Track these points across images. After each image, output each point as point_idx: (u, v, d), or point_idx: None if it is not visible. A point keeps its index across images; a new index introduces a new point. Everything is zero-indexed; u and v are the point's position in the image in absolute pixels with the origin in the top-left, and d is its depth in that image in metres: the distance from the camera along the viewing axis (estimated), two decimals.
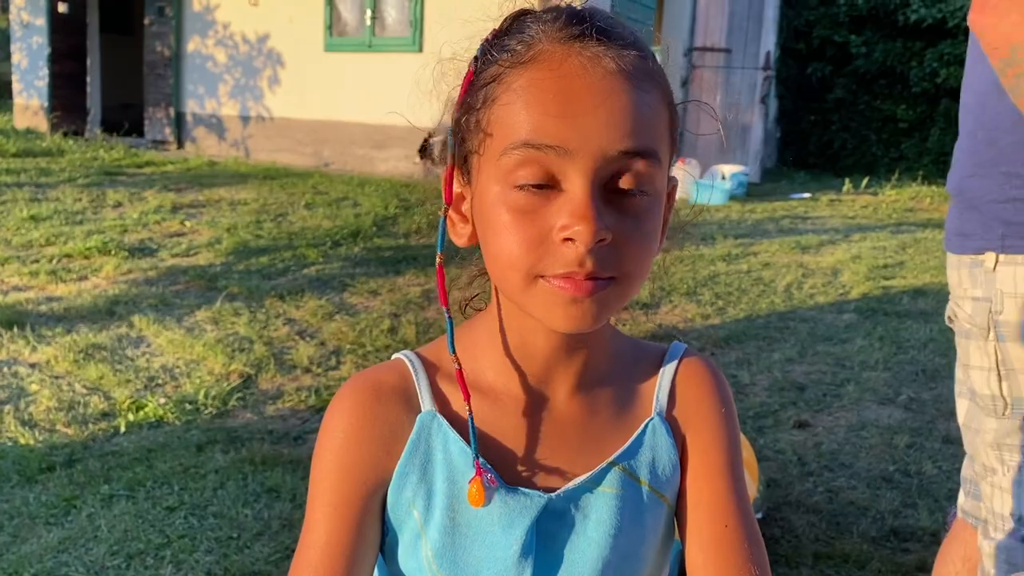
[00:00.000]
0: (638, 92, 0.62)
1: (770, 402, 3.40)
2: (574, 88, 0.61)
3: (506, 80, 0.63)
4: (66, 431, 3.03)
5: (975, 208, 1.24)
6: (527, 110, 0.61)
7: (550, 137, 0.60)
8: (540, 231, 0.62)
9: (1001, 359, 1.23)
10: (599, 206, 0.61)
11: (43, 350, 3.74)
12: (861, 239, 6.45)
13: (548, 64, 0.62)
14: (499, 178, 0.63)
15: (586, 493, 0.71)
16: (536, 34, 0.64)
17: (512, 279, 0.64)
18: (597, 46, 0.62)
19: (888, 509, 2.61)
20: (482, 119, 0.65)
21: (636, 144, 0.62)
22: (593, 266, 0.61)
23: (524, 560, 0.69)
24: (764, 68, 10.30)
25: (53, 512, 2.50)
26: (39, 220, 6.10)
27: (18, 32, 12.59)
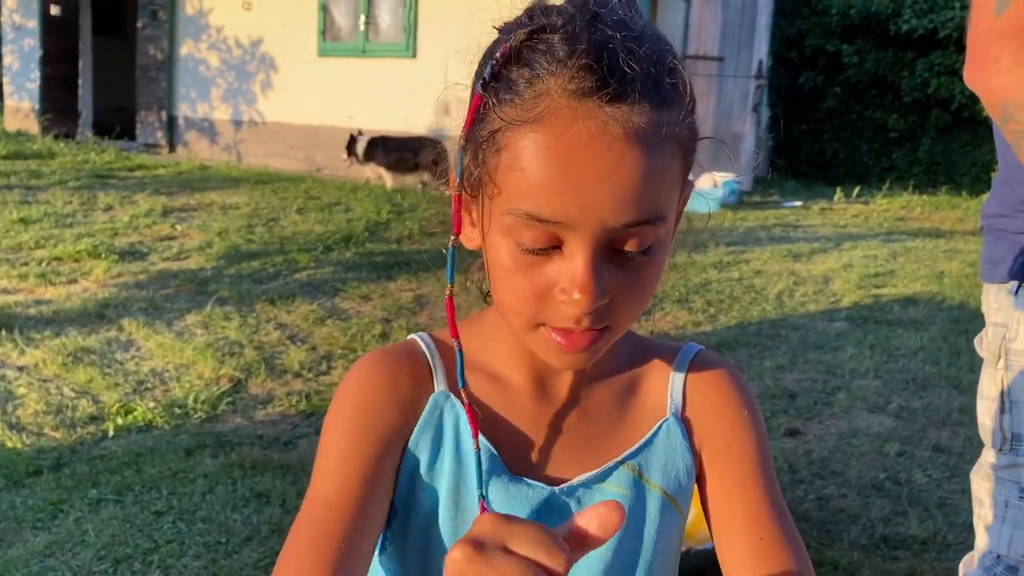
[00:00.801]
0: (647, 158, 0.60)
1: (761, 409, 3.40)
2: (579, 161, 0.59)
3: (512, 134, 0.61)
4: (54, 435, 3.01)
5: (1003, 238, 1.25)
6: (530, 180, 0.60)
7: (553, 213, 0.60)
8: (541, 286, 0.63)
9: (1007, 390, 1.20)
10: (599, 271, 0.61)
11: (31, 353, 3.72)
12: (852, 248, 6.47)
13: (554, 129, 0.59)
14: (503, 231, 0.63)
15: (591, 490, 0.71)
16: (546, 81, 0.60)
17: (514, 323, 0.66)
18: (608, 108, 0.59)
19: (878, 517, 2.61)
20: (488, 164, 0.63)
21: (640, 216, 0.61)
22: (590, 323, 0.63)
23: None
24: (756, 77, 10.34)
25: (40, 516, 2.48)
26: (29, 222, 6.07)
27: (10, 34, 12.55)
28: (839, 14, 11.41)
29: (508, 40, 0.62)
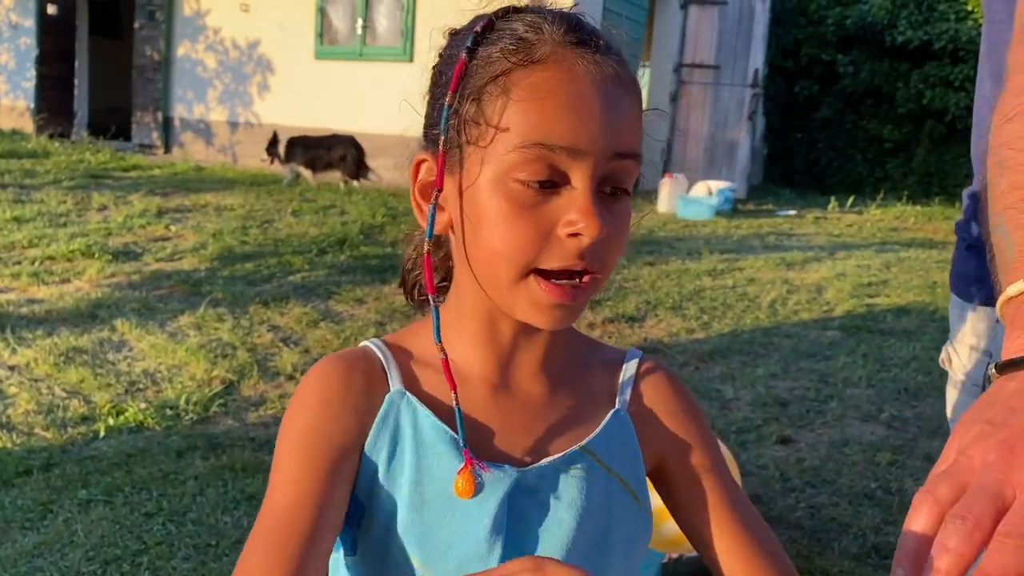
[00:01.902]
0: (631, 98, 0.68)
1: (753, 417, 3.41)
2: (585, 93, 0.65)
3: (515, 77, 0.65)
4: (44, 435, 3.00)
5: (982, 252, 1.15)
6: (541, 111, 0.64)
7: (565, 139, 0.64)
8: (541, 227, 0.65)
9: None
10: (600, 204, 0.65)
11: (23, 352, 3.70)
12: (846, 257, 6.48)
13: (559, 67, 0.65)
14: (501, 170, 0.65)
15: (557, 472, 0.73)
16: (539, 35, 0.66)
17: (502, 271, 0.67)
18: (599, 54, 0.66)
19: (869, 526, 2.62)
20: (487, 111, 0.66)
21: (632, 147, 0.67)
22: (591, 260, 0.65)
23: (495, 536, 0.69)
24: (752, 85, 10.37)
25: (29, 516, 2.47)
26: (22, 222, 6.05)
27: (6, 33, 12.52)
28: (835, 24, 11.47)
29: (482, 19, 0.69)
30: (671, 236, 7.17)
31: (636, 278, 5.50)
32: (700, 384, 3.75)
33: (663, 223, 7.81)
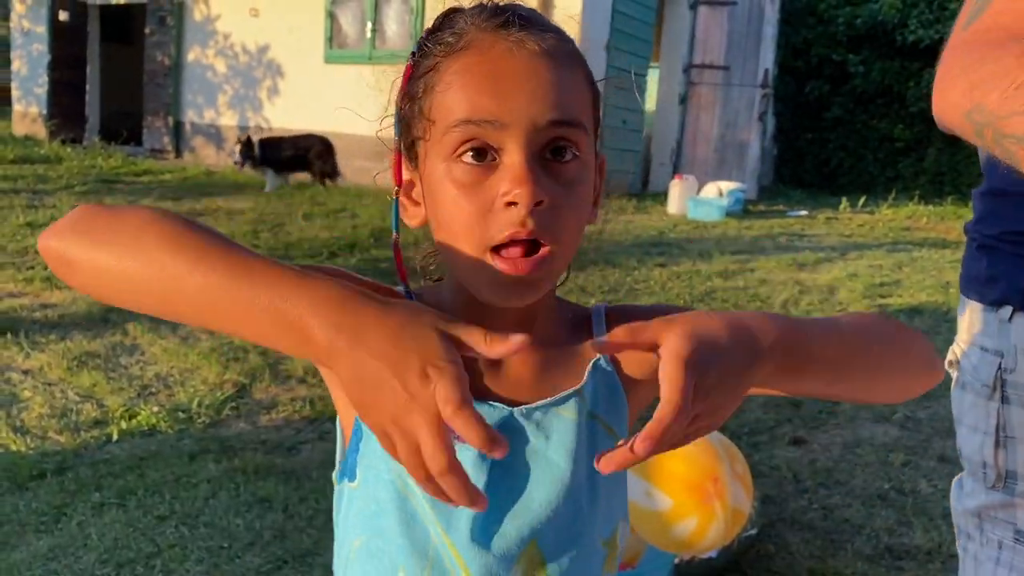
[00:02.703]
0: (561, 69, 0.69)
1: (765, 418, 3.39)
2: (503, 68, 0.68)
3: (442, 68, 0.70)
4: (58, 438, 3.01)
5: (996, 255, 1.13)
6: (463, 91, 0.68)
7: (486, 113, 0.67)
8: (485, 201, 0.68)
9: (1003, 423, 1.09)
10: (536, 172, 0.67)
11: (36, 357, 3.73)
12: (858, 257, 6.45)
13: (478, 49, 0.69)
14: (444, 156, 0.69)
15: (547, 414, 0.75)
16: (465, 25, 0.70)
17: (463, 251, 0.70)
18: (520, 32, 0.69)
19: (883, 527, 2.60)
20: (424, 106, 0.71)
21: (563, 115, 0.68)
22: (534, 226, 0.67)
23: (482, 463, 0.73)
24: (762, 86, 10.34)
25: (43, 520, 2.49)
26: (35, 227, 6.09)
27: (19, 39, 12.62)
28: (845, 24, 11.43)
29: (430, 26, 0.74)
30: (681, 237, 7.15)
31: (647, 280, 5.49)
32: None
33: (673, 224, 7.80)
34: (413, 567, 0.74)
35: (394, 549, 0.74)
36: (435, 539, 0.74)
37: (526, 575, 0.74)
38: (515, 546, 0.73)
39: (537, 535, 0.74)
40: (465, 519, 0.73)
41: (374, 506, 0.75)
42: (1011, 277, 1.09)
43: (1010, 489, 1.11)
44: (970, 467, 1.17)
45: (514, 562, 0.73)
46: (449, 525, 0.73)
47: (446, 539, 0.73)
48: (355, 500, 0.77)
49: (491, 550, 0.73)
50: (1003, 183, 1.10)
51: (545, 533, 0.74)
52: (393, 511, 0.74)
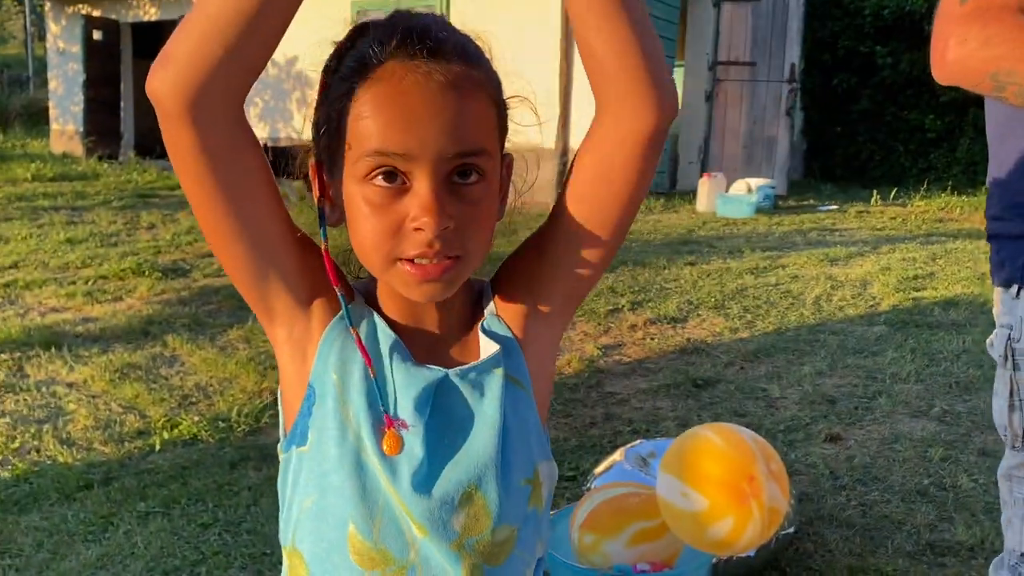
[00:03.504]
0: (466, 101, 0.74)
1: (801, 416, 3.38)
2: (413, 103, 0.73)
3: (355, 95, 0.74)
4: (103, 449, 3.09)
5: (1001, 241, 1.28)
6: (376, 123, 0.73)
7: (396, 146, 0.73)
8: (395, 221, 0.75)
9: (1016, 389, 1.23)
10: (443, 199, 0.74)
11: (80, 370, 3.82)
12: (890, 251, 6.38)
13: (389, 82, 0.73)
14: (357, 178, 0.76)
15: (482, 373, 0.84)
16: (377, 52, 0.74)
17: (374, 260, 0.78)
18: (429, 63, 0.73)
19: (923, 523, 2.58)
20: (340, 128, 0.76)
21: (467, 146, 0.75)
22: (440, 246, 0.75)
23: (419, 416, 0.81)
24: (789, 80, 10.26)
25: (91, 529, 2.55)
26: (75, 243, 6.23)
27: (54, 59, 12.90)
28: (872, 15, 11.29)
29: (342, 39, 0.79)
30: (711, 235, 7.12)
31: (677, 278, 5.48)
32: (745, 384, 3.72)
33: (703, 222, 7.77)
34: (362, 519, 0.81)
35: (344, 503, 0.81)
36: (384, 489, 0.81)
37: (468, 516, 0.82)
38: (455, 491, 0.81)
39: (476, 480, 0.82)
40: (407, 469, 0.80)
41: (325, 464, 0.82)
42: (1014, 258, 1.23)
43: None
44: (999, 432, 1.30)
45: (455, 505, 0.82)
46: (394, 475, 0.80)
47: (390, 488, 0.80)
48: (304, 462, 0.84)
49: (432, 496, 0.81)
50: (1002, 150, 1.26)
51: (483, 477, 0.82)
52: (344, 465, 0.81)
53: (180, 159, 0.74)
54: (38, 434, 3.18)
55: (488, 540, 0.83)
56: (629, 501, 1.84)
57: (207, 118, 0.71)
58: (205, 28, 0.68)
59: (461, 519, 0.82)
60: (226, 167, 0.74)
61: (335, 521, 0.82)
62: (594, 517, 1.84)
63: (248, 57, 0.70)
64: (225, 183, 0.75)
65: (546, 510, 0.90)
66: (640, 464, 2.42)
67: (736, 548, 1.90)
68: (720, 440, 1.67)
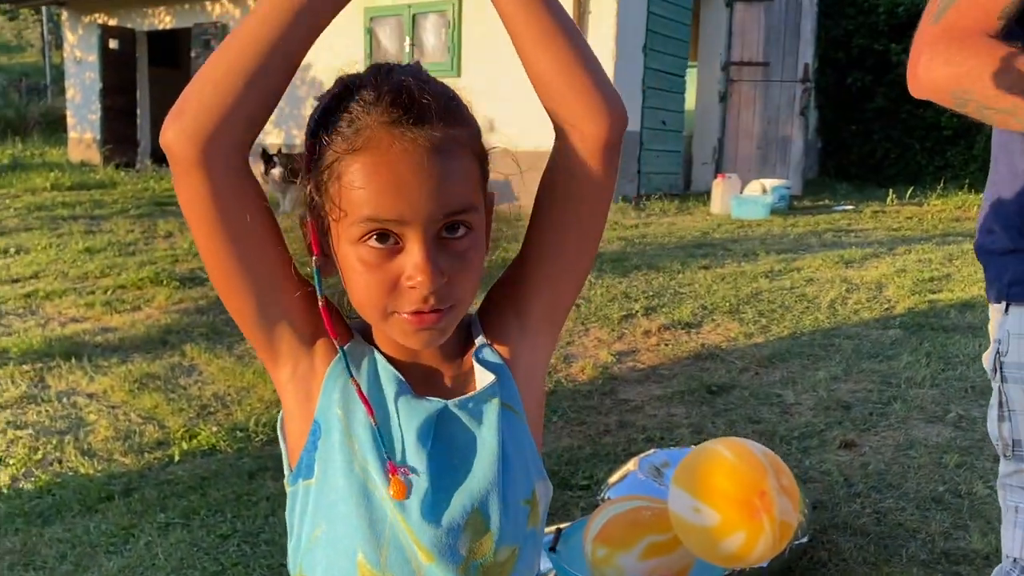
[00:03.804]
0: (450, 163, 0.78)
1: (815, 422, 3.38)
2: (401, 171, 0.77)
3: (344, 163, 0.78)
4: (123, 460, 3.13)
5: (990, 258, 1.32)
6: (367, 192, 0.77)
7: (389, 212, 0.77)
8: (389, 279, 0.80)
9: (1004, 400, 1.28)
10: (434, 257, 0.79)
11: (100, 380, 3.87)
12: (906, 252, 6.35)
13: (377, 150, 0.77)
14: (351, 240, 0.80)
15: (480, 403, 0.88)
16: (363, 117, 0.78)
17: (371, 314, 0.83)
18: (415, 130, 0.77)
19: (938, 531, 2.58)
20: (331, 193, 0.79)
21: (454, 206, 0.79)
22: (435, 301, 0.80)
23: (421, 446, 0.85)
24: (803, 80, 10.23)
25: (113, 540, 2.59)
26: (94, 252, 6.30)
27: (72, 68, 13.04)
28: (886, 12, 11.24)
29: (326, 98, 0.82)
30: (726, 238, 7.12)
31: (691, 283, 5.48)
32: (760, 390, 3.73)
33: (717, 224, 7.75)
34: (370, 548, 0.84)
35: (352, 532, 0.85)
36: (391, 518, 0.84)
37: (473, 539, 0.86)
38: (461, 517, 0.85)
39: (479, 504, 0.86)
40: (416, 500, 0.84)
41: (333, 495, 0.85)
42: (1000, 275, 1.28)
43: (1019, 457, 1.27)
44: (994, 443, 1.34)
45: (461, 531, 0.85)
46: (402, 506, 0.84)
47: (399, 517, 0.84)
48: (312, 494, 0.87)
49: (441, 524, 0.84)
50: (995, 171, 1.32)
51: (484, 501, 0.86)
52: (351, 496, 0.84)
53: (191, 206, 0.79)
54: (60, 445, 3.23)
55: (492, 561, 0.87)
56: (642, 515, 1.86)
57: (216, 163, 0.76)
58: (215, 86, 0.75)
59: (467, 543, 0.85)
60: (233, 213, 0.79)
61: (344, 550, 0.85)
62: (607, 530, 1.86)
63: (251, 111, 0.77)
64: (233, 229, 0.79)
65: (542, 527, 0.94)
66: (654, 474, 2.43)
67: (748, 562, 1.91)
68: (731, 455, 1.68)
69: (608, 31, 8.45)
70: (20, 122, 15.92)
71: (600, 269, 5.79)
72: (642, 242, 6.85)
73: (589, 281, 5.46)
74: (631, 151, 9.01)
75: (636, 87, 8.93)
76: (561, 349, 4.28)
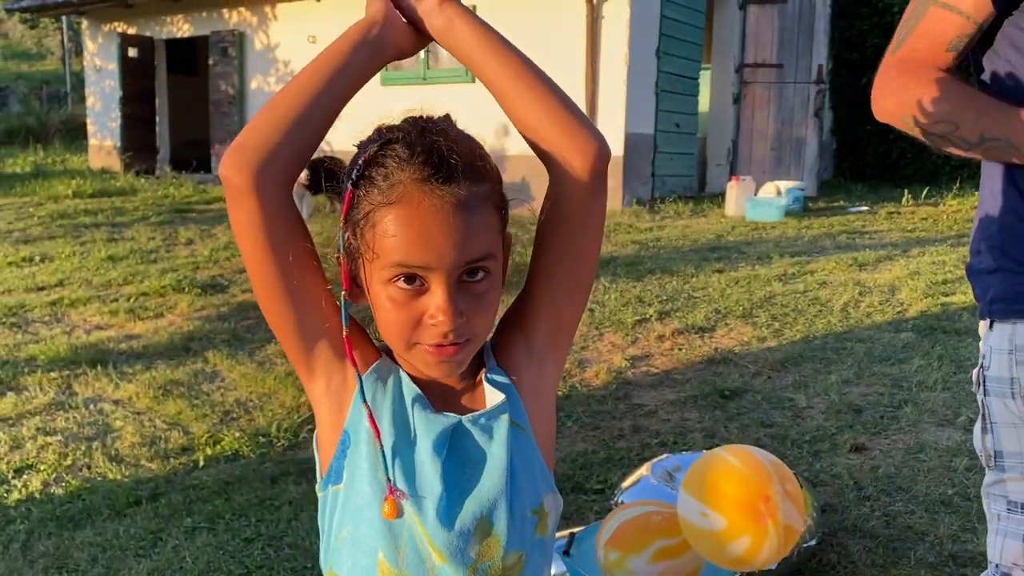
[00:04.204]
0: (474, 216, 0.89)
1: (827, 426, 3.42)
2: (429, 224, 0.87)
3: (380, 213, 0.88)
4: (150, 466, 3.22)
5: (976, 277, 1.38)
6: (398, 240, 0.88)
7: (416, 260, 0.88)
8: (414, 316, 0.90)
9: (987, 413, 1.34)
10: (456, 300, 0.89)
11: (125, 387, 3.97)
12: (920, 254, 6.37)
13: (409, 204, 0.87)
14: (382, 280, 0.90)
15: (491, 419, 0.97)
16: (397, 175, 0.88)
17: (397, 345, 0.94)
18: (443, 187, 0.87)
19: (947, 534, 2.62)
20: (366, 238, 0.90)
21: (476, 255, 0.89)
22: (454, 337, 0.90)
23: (436, 456, 0.94)
24: (817, 81, 10.23)
25: (142, 544, 2.68)
26: (117, 260, 6.42)
27: (92, 76, 13.22)
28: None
29: (365, 151, 0.91)
30: (740, 240, 7.15)
31: (705, 286, 5.52)
32: (772, 394, 3.77)
33: (731, 227, 7.79)
34: (389, 548, 0.94)
35: (374, 534, 0.94)
36: (409, 521, 0.94)
37: (482, 543, 0.94)
38: (471, 522, 0.94)
39: (488, 511, 0.95)
40: (432, 505, 0.93)
41: (359, 500, 0.95)
42: (984, 294, 1.35)
43: (1000, 466, 1.34)
44: (977, 453, 1.41)
45: (471, 535, 0.94)
46: (420, 510, 0.93)
47: (416, 520, 0.93)
48: (340, 498, 0.97)
49: (453, 528, 0.93)
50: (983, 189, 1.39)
51: (494, 509, 0.95)
52: (375, 501, 0.94)
53: (244, 230, 0.91)
54: (88, 451, 3.33)
55: (499, 565, 0.96)
56: (652, 519, 1.92)
57: (266, 191, 0.89)
58: (268, 127, 0.90)
59: (476, 547, 0.94)
60: (280, 238, 0.91)
61: (367, 549, 0.95)
62: (619, 535, 1.92)
63: (297, 149, 0.91)
64: (279, 253, 0.91)
65: (551, 536, 1.03)
66: (666, 479, 2.49)
67: (754, 565, 1.97)
68: (738, 462, 1.74)
69: (621, 35, 8.50)
70: (41, 129, 16.15)
71: (614, 273, 5.85)
72: (656, 245, 6.90)
73: (603, 285, 5.52)
74: (645, 154, 9.06)
75: (650, 90, 8.97)
76: (575, 354, 4.34)
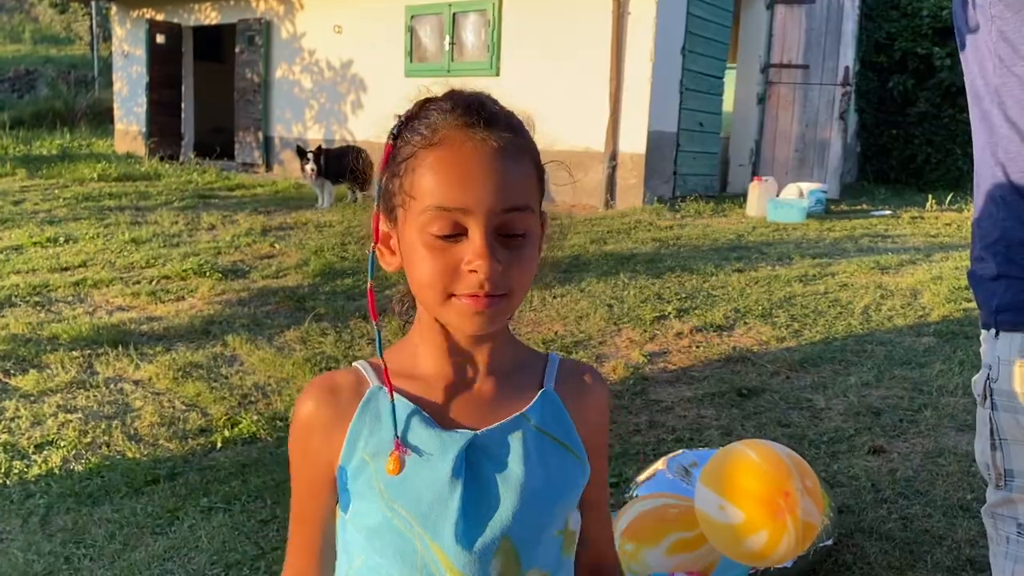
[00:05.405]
0: (514, 164, 0.88)
1: (845, 427, 3.40)
2: (470, 165, 0.86)
3: (419, 156, 0.87)
4: (168, 445, 3.25)
5: (979, 284, 1.32)
6: (437, 181, 0.86)
7: (455, 202, 0.85)
8: (451, 263, 0.87)
9: (995, 428, 1.27)
10: (494, 246, 0.86)
11: (145, 368, 4.00)
12: (943, 259, 6.31)
13: (450, 146, 0.86)
14: (418, 227, 0.88)
15: (504, 435, 0.94)
16: (439, 120, 0.87)
17: (430, 296, 0.89)
18: (484, 131, 0.86)
19: (965, 539, 2.60)
20: (404, 183, 0.88)
21: (514, 203, 0.87)
22: (491, 287, 0.86)
23: (456, 480, 0.90)
24: (843, 83, 10.14)
25: (158, 522, 2.70)
26: (140, 243, 6.48)
27: (119, 62, 13.33)
28: (930, 16, 11.10)
29: (408, 110, 0.92)
30: (760, 241, 7.11)
31: (724, 285, 5.50)
32: (790, 394, 3.75)
33: (752, 227, 7.74)
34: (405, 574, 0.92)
35: (388, 563, 0.92)
36: (421, 549, 0.91)
37: (503, 565, 0.92)
38: (491, 543, 0.91)
39: (508, 532, 0.91)
40: (449, 528, 0.90)
41: (367, 530, 0.93)
42: (988, 302, 1.29)
43: (1009, 486, 1.27)
44: (981, 470, 1.33)
45: (492, 556, 0.91)
46: (436, 534, 0.90)
47: (433, 545, 0.90)
48: (350, 526, 0.95)
49: (472, 550, 0.90)
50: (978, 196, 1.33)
51: (514, 529, 0.92)
52: (383, 532, 0.92)
53: None
54: (108, 430, 3.36)
55: None
56: (669, 512, 1.91)
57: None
58: None
59: (497, 567, 0.91)
60: None
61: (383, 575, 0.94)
62: (635, 526, 1.92)
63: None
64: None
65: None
66: (682, 474, 2.48)
67: (771, 560, 1.96)
68: (757, 456, 1.73)
69: (647, 32, 8.47)
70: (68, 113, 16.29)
71: (634, 270, 5.83)
72: (676, 244, 6.88)
73: (623, 281, 5.51)
74: (668, 152, 9.02)
75: (674, 88, 8.93)
76: (593, 349, 4.34)
